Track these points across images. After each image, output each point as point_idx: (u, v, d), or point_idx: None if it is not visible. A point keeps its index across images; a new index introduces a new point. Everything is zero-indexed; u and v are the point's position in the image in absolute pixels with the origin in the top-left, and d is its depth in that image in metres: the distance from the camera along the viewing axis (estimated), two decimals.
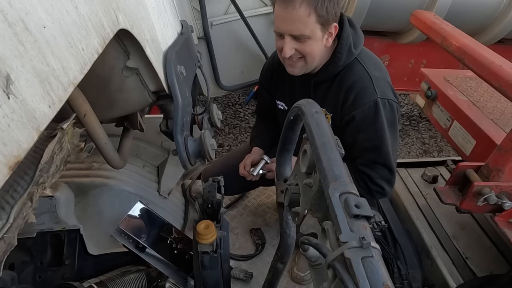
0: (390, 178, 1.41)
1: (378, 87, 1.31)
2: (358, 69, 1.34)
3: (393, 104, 1.34)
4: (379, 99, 1.30)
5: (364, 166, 1.39)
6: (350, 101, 1.33)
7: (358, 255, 0.45)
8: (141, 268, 1.36)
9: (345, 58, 1.33)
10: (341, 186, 0.55)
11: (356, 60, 1.35)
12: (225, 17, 2.43)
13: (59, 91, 0.44)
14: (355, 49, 1.33)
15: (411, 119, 3.86)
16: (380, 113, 1.30)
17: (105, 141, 0.85)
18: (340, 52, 1.31)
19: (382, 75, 1.37)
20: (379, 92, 1.30)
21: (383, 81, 1.35)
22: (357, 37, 1.35)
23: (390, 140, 1.35)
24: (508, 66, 1.28)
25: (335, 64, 1.34)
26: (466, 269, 1.65)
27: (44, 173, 0.51)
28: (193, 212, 1.97)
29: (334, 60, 1.33)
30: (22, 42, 0.38)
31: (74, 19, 0.49)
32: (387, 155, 1.35)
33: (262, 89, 1.72)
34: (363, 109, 1.31)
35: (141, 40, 0.76)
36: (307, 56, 1.27)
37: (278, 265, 1.06)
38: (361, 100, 1.31)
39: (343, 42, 1.31)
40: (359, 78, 1.33)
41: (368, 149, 1.36)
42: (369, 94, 1.31)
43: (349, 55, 1.33)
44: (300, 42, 1.23)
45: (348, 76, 1.35)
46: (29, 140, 0.39)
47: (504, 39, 3.09)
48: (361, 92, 1.31)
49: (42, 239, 1.23)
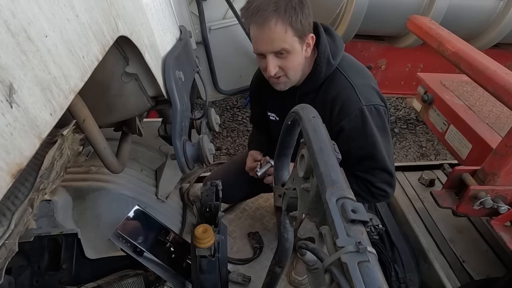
0: (390, 181, 1.42)
1: (361, 94, 1.32)
2: (340, 80, 1.35)
3: (380, 109, 1.34)
4: (364, 106, 1.30)
5: (363, 172, 1.40)
6: (336, 112, 1.34)
7: (355, 260, 0.46)
8: (139, 272, 1.36)
9: (325, 70, 1.34)
10: (338, 191, 0.55)
11: (337, 70, 1.36)
12: (223, 22, 2.45)
13: (60, 98, 0.45)
14: (334, 59, 1.34)
15: (408, 122, 3.88)
16: (368, 120, 1.31)
17: (104, 146, 0.86)
18: (319, 65, 1.33)
19: (364, 81, 1.37)
20: (363, 100, 1.31)
21: (366, 87, 1.36)
22: (335, 46, 1.36)
23: (383, 144, 1.35)
24: (502, 71, 1.29)
25: (316, 77, 1.36)
26: (463, 273, 1.65)
27: (45, 179, 0.51)
28: (191, 216, 1.97)
29: (315, 72, 1.35)
30: (24, 52, 0.39)
31: (75, 27, 0.50)
32: (382, 159, 1.36)
33: (253, 102, 1.76)
34: (350, 118, 1.32)
35: (140, 46, 0.76)
36: (289, 71, 1.29)
37: (276, 269, 1.06)
38: (346, 110, 1.32)
39: (321, 55, 1.33)
40: (341, 89, 1.34)
41: (363, 157, 1.36)
42: (354, 103, 1.31)
43: (329, 66, 1.34)
44: (282, 58, 1.26)
45: (331, 88, 1.36)
46: (31, 148, 0.39)
47: (500, 44, 3.12)
48: (345, 102, 1.32)
49: (40, 243, 1.23)
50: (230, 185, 1.53)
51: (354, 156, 1.37)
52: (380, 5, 2.67)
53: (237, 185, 1.68)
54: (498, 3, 2.79)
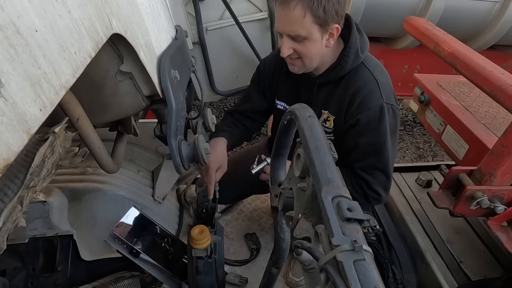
0: (386, 184, 1.41)
1: (384, 92, 1.31)
2: (365, 73, 1.34)
3: (396, 112, 1.35)
4: (385, 104, 1.30)
5: (363, 171, 1.39)
6: (356, 104, 1.33)
7: (350, 258, 0.45)
8: (135, 274, 1.35)
9: (352, 62, 1.32)
10: (334, 190, 0.55)
11: (362, 64, 1.35)
12: (220, 23, 2.44)
13: (51, 94, 0.44)
14: (362, 53, 1.33)
15: (405, 124, 3.88)
16: (385, 118, 1.31)
17: (98, 146, 0.85)
18: (348, 56, 1.31)
19: (386, 80, 1.37)
20: (385, 97, 1.31)
21: (388, 86, 1.35)
22: (363, 42, 1.35)
23: (391, 146, 1.35)
24: (498, 72, 1.29)
25: (341, 67, 1.33)
26: (461, 273, 1.65)
27: (35, 177, 0.51)
28: (188, 217, 1.96)
29: (341, 63, 1.33)
30: (13, 46, 0.38)
31: (67, 23, 0.49)
32: (386, 160, 1.35)
33: (257, 88, 1.64)
34: (369, 113, 1.31)
35: (135, 44, 0.76)
36: (304, 57, 1.27)
37: (273, 270, 1.05)
38: (367, 104, 1.31)
39: (351, 46, 1.30)
40: (365, 82, 1.33)
41: (369, 153, 1.35)
42: (375, 99, 1.31)
43: (356, 59, 1.33)
44: (298, 43, 1.23)
45: (355, 80, 1.34)
46: (19, 143, 0.38)
47: (496, 46, 3.14)
48: (367, 96, 1.31)
49: (34, 245, 1.22)
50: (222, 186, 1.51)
51: (361, 152, 1.36)
52: (377, 6, 2.68)
53: (229, 186, 1.66)
54: (494, 5, 2.81)
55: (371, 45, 1.41)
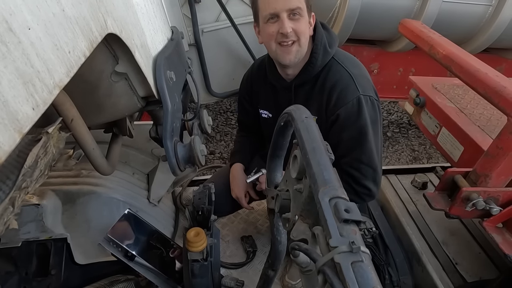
0: (375, 177, 1.42)
1: (359, 84, 1.34)
2: (338, 69, 1.37)
3: (375, 102, 1.37)
4: (362, 96, 1.33)
5: (349, 166, 1.40)
6: (334, 100, 1.35)
7: (348, 260, 0.45)
8: (130, 277, 1.34)
9: (322, 58, 1.36)
10: (331, 191, 0.55)
11: (333, 60, 1.39)
12: (216, 24, 2.44)
13: (44, 93, 0.43)
14: (331, 48, 1.37)
15: (400, 126, 3.90)
16: (363, 110, 1.33)
17: (93, 147, 0.84)
18: (316, 52, 1.35)
19: (361, 72, 1.40)
20: (361, 89, 1.33)
21: (363, 78, 1.38)
22: (331, 37, 1.39)
23: (373, 137, 1.36)
24: (493, 74, 1.30)
25: (312, 65, 1.37)
26: (456, 275, 1.65)
27: (28, 178, 0.50)
28: (183, 220, 1.95)
29: (311, 60, 1.36)
30: (5, 43, 0.37)
31: (61, 21, 0.49)
32: (370, 152, 1.36)
33: (244, 101, 1.73)
34: (347, 107, 1.33)
35: (130, 45, 0.75)
36: (301, 36, 1.29)
37: (269, 272, 1.04)
38: (344, 99, 1.34)
39: (317, 42, 1.35)
40: (340, 77, 1.36)
41: (352, 147, 1.37)
42: (352, 92, 1.33)
43: (325, 54, 1.36)
44: (295, 21, 1.26)
45: (329, 77, 1.37)
46: (11, 143, 0.38)
47: (489, 49, 3.16)
48: (343, 91, 1.34)
49: (28, 249, 1.20)
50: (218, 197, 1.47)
51: (344, 147, 1.37)
52: (372, 9, 2.69)
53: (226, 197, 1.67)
54: (487, 8, 2.83)
55: (366, 48, 1.44)
